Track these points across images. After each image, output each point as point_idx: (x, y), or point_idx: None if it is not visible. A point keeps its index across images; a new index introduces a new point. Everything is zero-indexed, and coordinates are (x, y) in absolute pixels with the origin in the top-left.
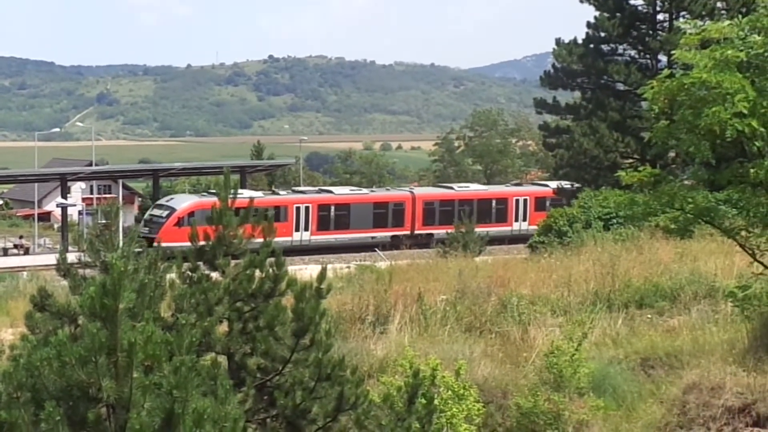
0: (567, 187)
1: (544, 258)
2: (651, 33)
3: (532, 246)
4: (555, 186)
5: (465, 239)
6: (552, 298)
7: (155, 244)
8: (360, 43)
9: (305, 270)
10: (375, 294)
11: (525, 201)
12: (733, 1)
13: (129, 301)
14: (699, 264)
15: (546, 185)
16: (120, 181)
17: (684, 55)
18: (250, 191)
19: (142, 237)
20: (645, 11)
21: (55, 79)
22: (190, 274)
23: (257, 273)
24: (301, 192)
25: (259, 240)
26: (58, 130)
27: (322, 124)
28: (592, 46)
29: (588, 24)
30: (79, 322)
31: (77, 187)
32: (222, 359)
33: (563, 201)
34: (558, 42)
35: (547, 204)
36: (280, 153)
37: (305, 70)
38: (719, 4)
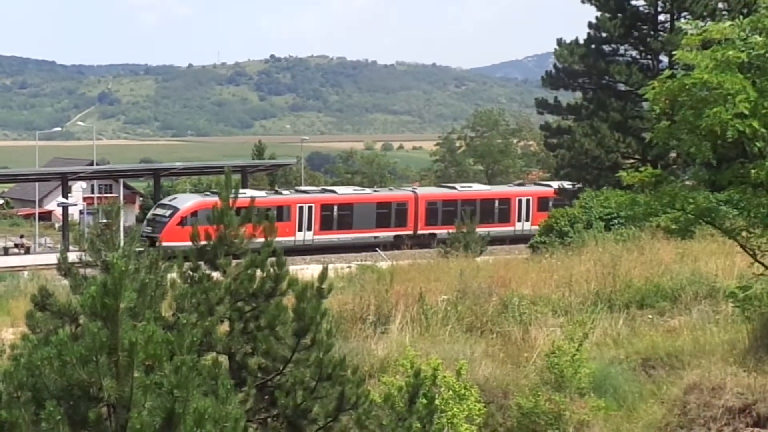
0: (568, 188)
1: (545, 258)
2: (652, 33)
3: (533, 246)
4: (556, 186)
5: (466, 239)
6: (553, 298)
7: (158, 243)
8: (361, 43)
9: (306, 270)
10: (376, 294)
11: (528, 201)
12: (735, 2)
13: (130, 301)
14: (700, 264)
15: (549, 185)
16: (121, 181)
17: (685, 56)
18: (253, 191)
19: (145, 236)
20: (646, 12)
21: (56, 79)
22: (191, 273)
23: (258, 273)
24: (304, 192)
25: (262, 240)
26: (59, 129)
27: (323, 123)
28: (593, 46)
29: (589, 24)
30: (80, 321)
31: (78, 187)
32: (223, 359)
33: (565, 201)
34: (559, 42)
35: (550, 204)
36: (281, 153)
37: (307, 69)
38: (720, 4)
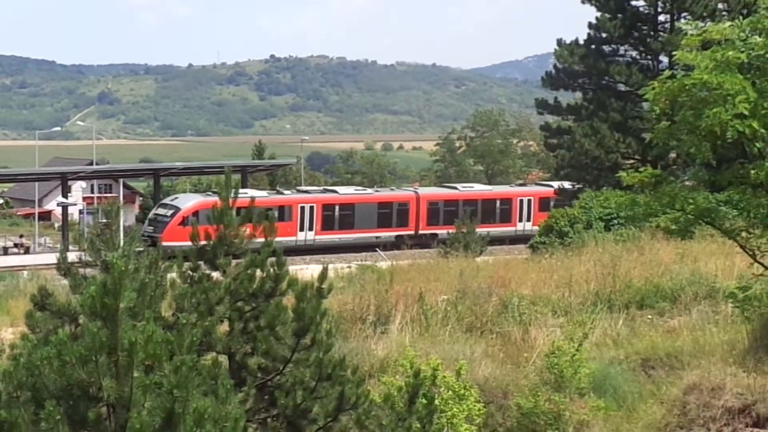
0: (568, 188)
1: (545, 258)
2: (652, 34)
3: (533, 246)
4: (557, 186)
5: (466, 239)
6: (553, 298)
7: (159, 243)
8: (361, 43)
9: (306, 270)
10: (376, 294)
11: (529, 201)
12: (734, 3)
13: (130, 301)
14: (699, 265)
15: (550, 185)
16: (121, 181)
17: (685, 56)
18: (255, 191)
19: (146, 236)
20: (646, 12)
21: (56, 78)
22: (191, 273)
23: (258, 273)
24: (306, 192)
25: (263, 240)
26: (58, 129)
27: (323, 124)
28: (593, 46)
29: (589, 25)
30: (80, 321)
31: (78, 187)
32: (223, 359)
33: (565, 201)
34: (559, 43)
35: (551, 204)
36: (281, 153)
37: (307, 69)
38: (720, 5)
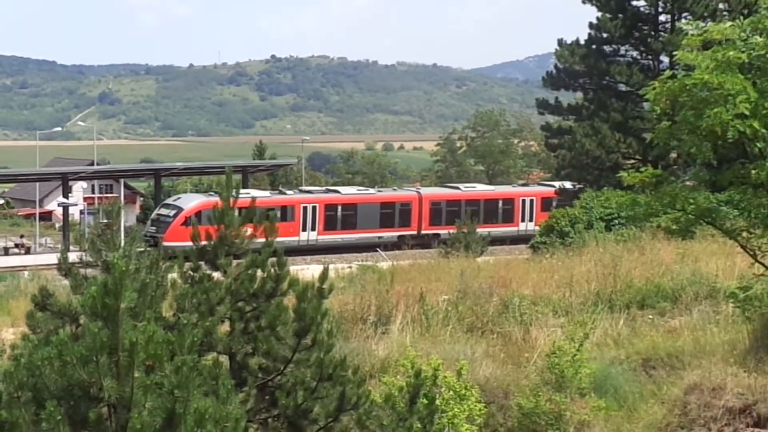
0: (569, 188)
1: (545, 258)
2: (653, 34)
3: (533, 246)
4: (556, 186)
5: (467, 239)
6: (554, 298)
7: (160, 243)
8: (362, 43)
9: (307, 270)
10: (377, 294)
11: (531, 201)
12: (735, 3)
13: (130, 301)
14: (700, 265)
15: (552, 186)
16: (122, 181)
17: (686, 56)
18: (258, 191)
19: (149, 236)
20: (647, 12)
21: (57, 78)
22: (191, 273)
23: (259, 273)
24: (308, 192)
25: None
26: (59, 129)
27: (324, 124)
28: (594, 46)
29: (590, 25)
30: (81, 321)
31: (79, 187)
32: (223, 359)
33: (566, 201)
34: (560, 43)
35: (554, 204)
36: (282, 153)
37: (307, 70)
38: (721, 5)
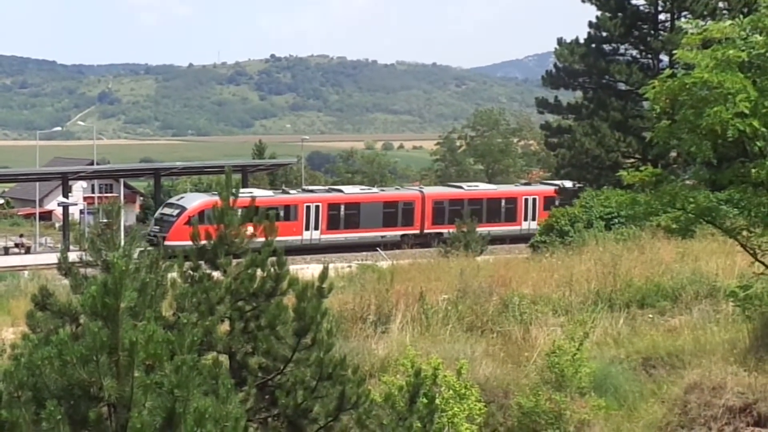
0: (568, 187)
1: (545, 257)
2: (653, 33)
3: (533, 245)
4: (559, 186)
5: (467, 238)
6: (553, 297)
7: (163, 243)
8: (361, 43)
9: (307, 269)
10: (376, 293)
11: (534, 200)
12: (735, 1)
13: (130, 300)
14: (700, 264)
15: (555, 185)
16: (121, 180)
17: (685, 55)
18: (261, 191)
19: (153, 236)
20: (647, 11)
21: (57, 78)
22: (191, 273)
23: (259, 272)
24: (311, 191)
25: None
26: (59, 129)
27: (323, 123)
28: (593, 45)
29: (590, 24)
30: (81, 321)
31: (78, 186)
32: (223, 358)
33: (567, 200)
34: (560, 42)
35: (556, 204)
36: (281, 152)
37: (307, 69)
38: (721, 4)
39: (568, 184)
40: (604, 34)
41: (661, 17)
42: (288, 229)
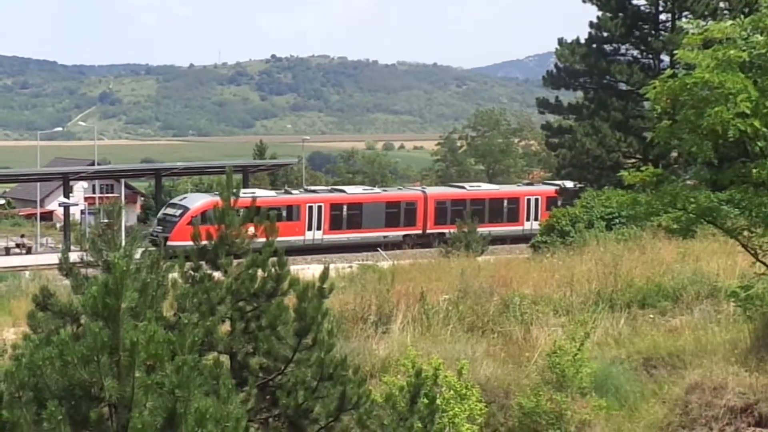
0: (569, 187)
1: (546, 258)
2: (653, 33)
3: (534, 246)
4: (560, 186)
5: (467, 239)
6: (554, 297)
7: (165, 243)
8: (362, 43)
9: (308, 269)
10: (377, 294)
11: (536, 200)
12: (736, 1)
13: (131, 301)
14: (701, 264)
15: (557, 185)
16: (122, 181)
17: (686, 55)
18: (264, 191)
19: (156, 236)
20: (647, 11)
21: (58, 79)
22: (192, 273)
23: (260, 272)
24: (314, 191)
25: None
26: (60, 129)
27: (324, 123)
28: (594, 46)
29: (590, 24)
30: (82, 321)
31: (79, 187)
32: (224, 359)
33: (568, 200)
34: (560, 42)
35: (558, 204)
36: (282, 152)
37: (308, 69)
38: (722, 4)
39: (569, 184)
40: (604, 34)
41: (662, 17)
42: (291, 230)
